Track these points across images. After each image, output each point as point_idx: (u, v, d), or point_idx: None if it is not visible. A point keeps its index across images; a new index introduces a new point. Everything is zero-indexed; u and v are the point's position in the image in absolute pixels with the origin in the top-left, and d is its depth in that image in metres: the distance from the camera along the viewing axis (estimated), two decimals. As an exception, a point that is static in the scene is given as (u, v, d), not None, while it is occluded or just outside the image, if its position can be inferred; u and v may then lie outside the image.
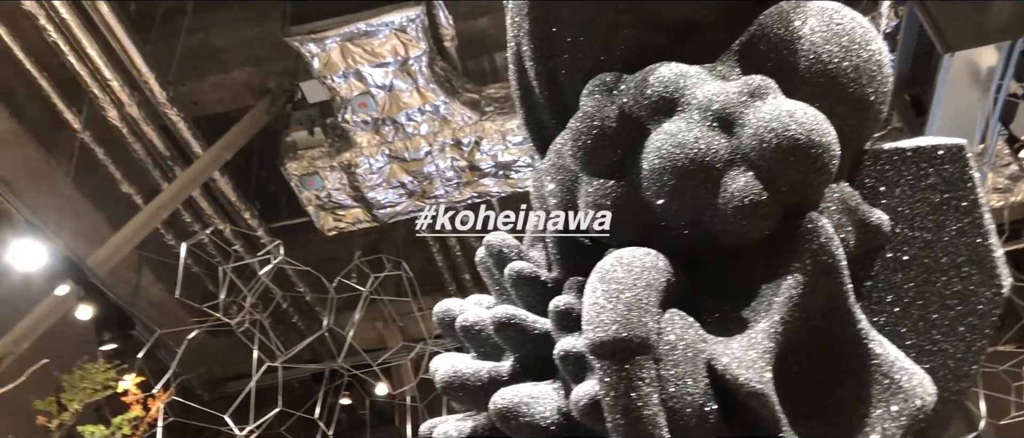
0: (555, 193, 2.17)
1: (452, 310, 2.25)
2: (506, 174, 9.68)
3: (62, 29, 8.47)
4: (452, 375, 2.03)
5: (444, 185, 9.82)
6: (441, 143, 9.32)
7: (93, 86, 9.08)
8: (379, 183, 9.73)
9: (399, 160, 9.51)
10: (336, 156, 9.42)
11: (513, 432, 1.88)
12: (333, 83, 8.60)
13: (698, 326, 1.81)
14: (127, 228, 9.17)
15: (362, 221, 10.30)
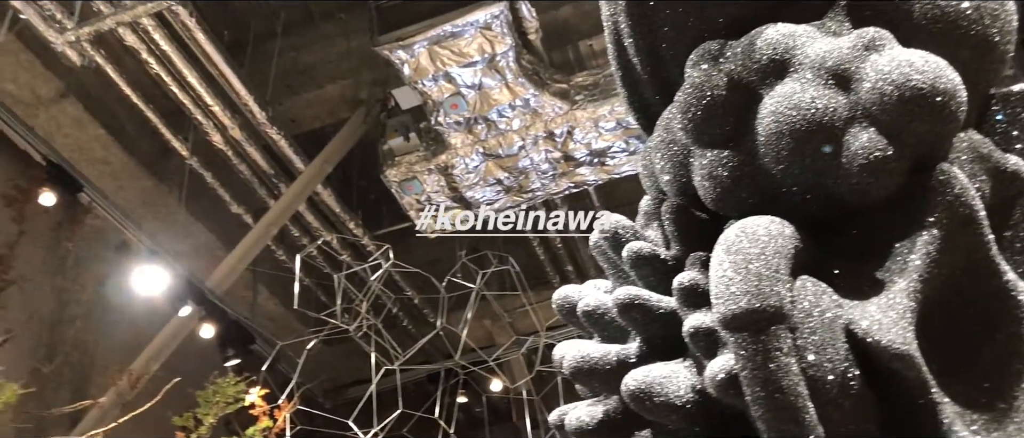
0: (666, 169, 2.13)
1: (572, 296, 2.24)
2: (601, 161, 9.62)
3: (163, 61, 8.82)
4: (580, 360, 2.02)
5: (540, 178, 9.83)
6: (534, 136, 9.33)
7: (196, 113, 9.43)
8: (476, 182, 9.80)
9: (494, 157, 9.56)
10: (432, 159, 9.54)
11: (648, 412, 1.85)
12: (424, 87, 8.71)
13: (832, 291, 1.75)
14: (240, 247, 9.50)
15: (463, 221, 10.40)
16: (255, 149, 10.14)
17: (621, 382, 1.92)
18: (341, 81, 11.09)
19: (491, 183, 9.88)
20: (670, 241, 2.13)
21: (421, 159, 9.62)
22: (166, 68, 8.93)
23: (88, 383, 9.17)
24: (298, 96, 11.19)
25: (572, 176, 9.81)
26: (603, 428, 2.04)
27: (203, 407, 5.62)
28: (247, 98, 9.46)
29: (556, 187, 9.94)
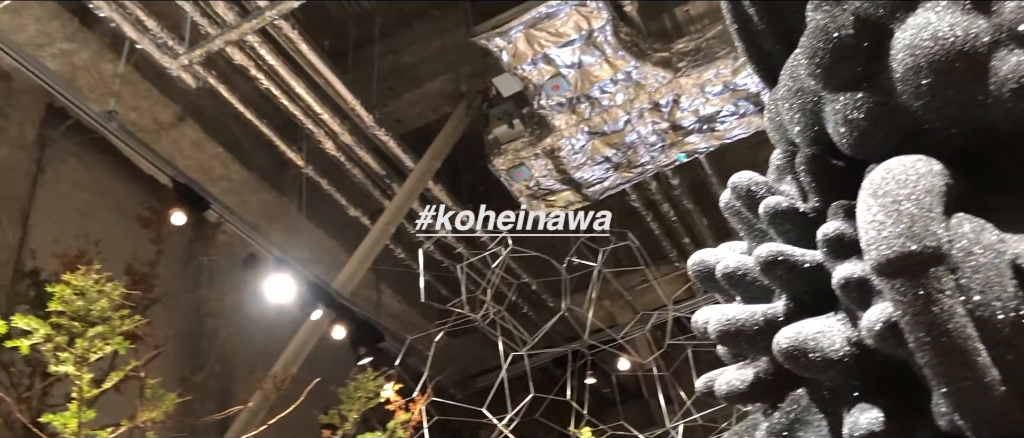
0: (796, 119, 2.05)
1: (708, 260, 2.19)
2: (711, 128, 9.42)
3: (272, 75, 9.11)
4: (726, 322, 1.96)
5: (648, 151, 9.70)
6: (639, 109, 9.21)
7: (307, 123, 9.71)
8: (584, 162, 9.76)
9: (600, 135, 9.49)
10: (538, 143, 9.54)
11: (803, 370, 1.79)
12: (524, 72, 8.71)
13: (991, 226, 1.64)
14: (361, 248, 9.74)
15: (573, 202, 10.37)
16: (366, 152, 10.37)
17: (770, 342, 1.86)
18: (441, 77, 11.23)
19: (599, 161, 9.82)
20: (807, 193, 2.05)
21: (527, 145, 9.63)
22: (275, 82, 9.22)
23: (231, 392, 9.61)
24: (401, 96, 11.39)
25: (681, 146, 9.64)
26: (755, 390, 1.99)
27: (346, 403, 5.79)
28: (354, 103, 9.68)
29: (666, 159, 9.79)
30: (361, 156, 10.39)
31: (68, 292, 4.01)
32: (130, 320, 4.22)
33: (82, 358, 4.02)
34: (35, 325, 3.99)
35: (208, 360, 9.13)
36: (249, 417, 7.55)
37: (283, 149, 10.16)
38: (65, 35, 8.72)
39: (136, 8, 8.16)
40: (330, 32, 10.94)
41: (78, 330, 4.01)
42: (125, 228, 7.85)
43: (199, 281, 10.34)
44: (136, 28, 8.24)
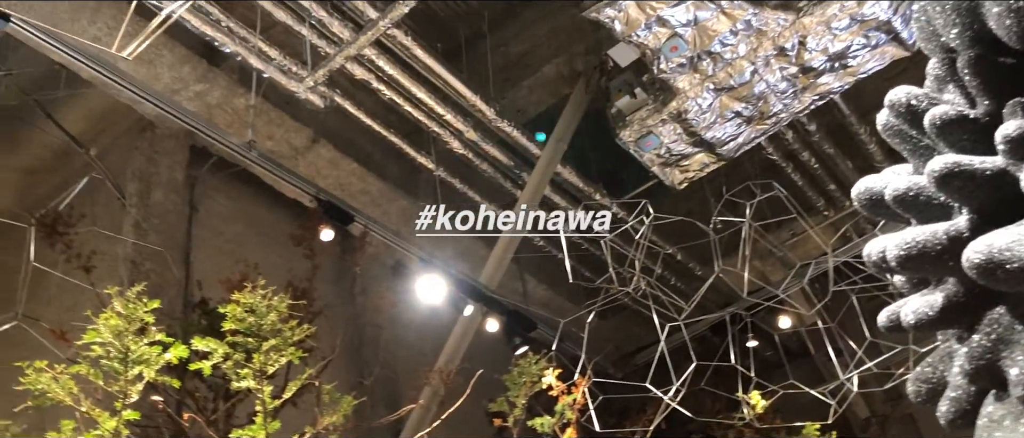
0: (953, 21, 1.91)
1: (874, 186, 2.06)
2: (843, 64, 8.97)
3: (392, 85, 9.31)
4: (906, 246, 1.84)
5: (780, 100, 9.34)
6: (764, 57, 8.87)
7: (432, 126, 9.88)
8: (713, 121, 9.50)
9: (726, 90, 9.21)
10: (663, 109, 9.35)
11: (1000, 284, 1.66)
12: (639, 39, 8.55)
13: None
14: (501, 241, 9.83)
15: (708, 164, 10.13)
16: (492, 146, 10.45)
17: (957, 261, 1.74)
18: (555, 60, 11.19)
19: (729, 118, 9.53)
20: (976, 97, 1.90)
21: (652, 112, 9.46)
22: (396, 91, 9.41)
23: (399, 393, 9.91)
24: (518, 86, 11.42)
25: (814, 88, 9.22)
26: (947, 314, 1.86)
27: (512, 390, 5.86)
28: (473, 100, 9.77)
29: (799, 105, 9.39)
30: (488, 151, 10.48)
31: (239, 310, 4.21)
32: (300, 330, 4.40)
33: (261, 372, 4.22)
34: (213, 346, 4.22)
35: (373, 365, 9.44)
36: (422, 414, 7.77)
37: (413, 155, 10.37)
38: (197, 77, 9.18)
39: (258, 40, 8.49)
40: (441, 34, 11.08)
41: (253, 345, 4.22)
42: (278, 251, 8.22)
43: (353, 292, 10.72)
44: (261, 59, 8.58)
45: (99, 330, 4.01)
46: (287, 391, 4.60)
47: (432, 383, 7.28)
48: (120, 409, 4.03)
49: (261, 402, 4.24)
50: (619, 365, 12.83)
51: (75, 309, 7.18)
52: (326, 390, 4.71)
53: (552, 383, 6.70)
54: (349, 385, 7.50)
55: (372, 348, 10.26)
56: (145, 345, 4.00)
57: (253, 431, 4.27)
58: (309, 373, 4.76)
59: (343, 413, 4.62)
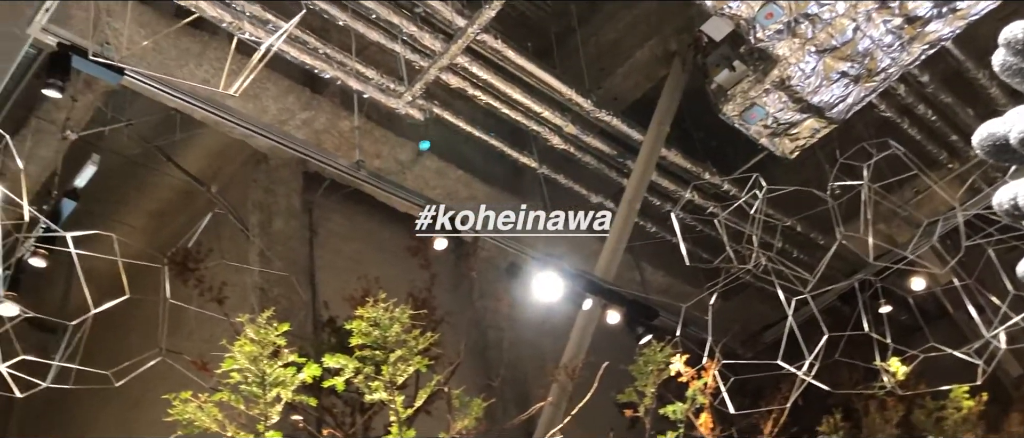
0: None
1: (997, 130, 1.93)
2: (951, 8, 8.52)
3: (487, 89, 9.38)
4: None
5: (887, 54, 8.94)
6: (865, 12, 8.50)
7: (532, 125, 9.90)
8: (819, 84, 9.17)
9: (829, 51, 8.87)
10: (765, 79, 9.08)
11: None
12: (731, 10, 8.32)
13: None
14: (613, 232, 9.74)
15: (819, 129, 9.78)
16: (593, 138, 10.40)
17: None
18: (647, 43, 11.05)
19: (835, 79, 9.18)
20: (1113, 14, 1.76)
21: (753, 83, 9.20)
22: (492, 95, 9.48)
23: (527, 393, 9.97)
24: (613, 74, 11.33)
25: (923, 38, 8.78)
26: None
27: (640, 380, 5.80)
28: (570, 93, 9.75)
29: (908, 57, 8.96)
30: (589, 143, 10.44)
31: (363, 325, 4.32)
32: (423, 339, 4.48)
33: (391, 382, 4.31)
34: (343, 361, 4.34)
35: (499, 367, 9.53)
36: (552, 411, 7.79)
37: (515, 156, 10.42)
38: (301, 105, 9.47)
39: (355, 63, 8.70)
40: (531, 34, 11.10)
41: (380, 358, 4.31)
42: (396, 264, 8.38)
43: (472, 297, 10.84)
44: (359, 80, 8.79)
45: (236, 357, 4.18)
46: (418, 399, 4.69)
47: (559, 380, 7.29)
48: (262, 431, 4.19)
49: (394, 412, 4.33)
50: (748, 345, 12.56)
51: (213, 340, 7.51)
52: (455, 395, 4.78)
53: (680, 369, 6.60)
54: (478, 388, 7.58)
55: (496, 350, 10.35)
56: (280, 367, 4.15)
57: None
58: (437, 380, 4.84)
59: (474, 416, 4.67)
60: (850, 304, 9.02)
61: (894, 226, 11.99)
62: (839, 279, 11.01)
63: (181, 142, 10.27)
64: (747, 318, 12.69)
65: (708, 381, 6.57)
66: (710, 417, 6.70)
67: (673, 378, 6.71)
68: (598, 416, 7.01)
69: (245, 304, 8.37)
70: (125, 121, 9.49)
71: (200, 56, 8.61)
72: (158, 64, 8.42)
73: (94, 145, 9.19)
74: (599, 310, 9.03)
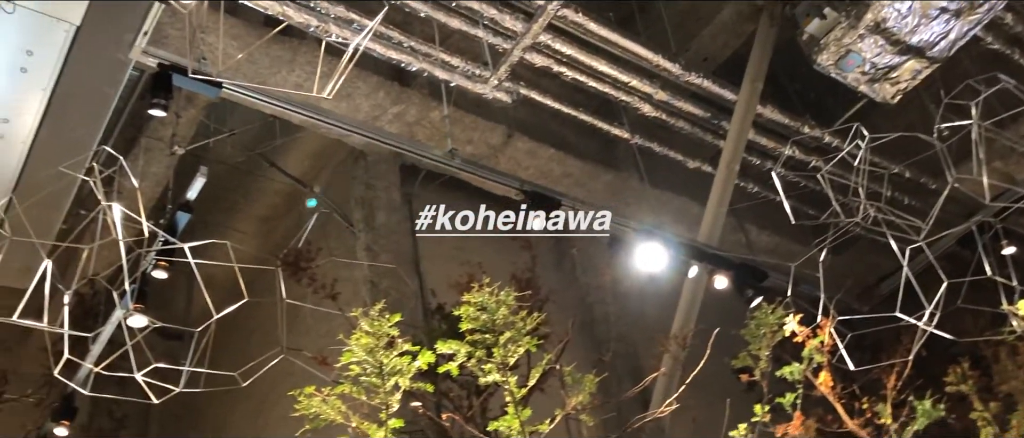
0: None
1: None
2: (1058, -74, 8.02)
3: (572, 65, 9.34)
4: None
5: (990, -18, 8.49)
6: (963, -59, 8.10)
7: (621, 95, 9.82)
8: (917, 23, 8.78)
9: (926, -13, 8.49)
10: (859, 23, 8.74)
11: None
12: (818, -43, 8.05)
13: None
14: (713, 196, 9.62)
15: (921, 70, 9.38)
16: (684, 102, 10.24)
17: None
18: (731, 1, 10.79)
19: (934, 16, 8.77)
20: None
21: (847, 29, 8.85)
22: (578, 69, 9.44)
23: (639, 365, 9.95)
24: (699, 36, 11.12)
25: (1028, -40, 8.31)
26: None
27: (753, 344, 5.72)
28: (657, 59, 9.61)
29: (1014, -18, 8.49)
30: (681, 107, 10.27)
31: (471, 310, 4.40)
32: (531, 319, 4.53)
33: (503, 364, 4.39)
34: (455, 347, 4.44)
35: (609, 341, 9.55)
36: (666, 381, 7.76)
37: (607, 129, 10.36)
38: (392, 100, 9.64)
39: (439, 53, 8.80)
40: (610, 3, 10.98)
41: (491, 341, 4.39)
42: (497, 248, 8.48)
43: (575, 274, 10.87)
44: (445, 70, 8.88)
45: (353, 350, 4.32)
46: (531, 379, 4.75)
47: (670, 349, 7.25)
48: (385, 420, 4.33)
49: (509, 392, 4.41)
50: (863, 298, 12.21)
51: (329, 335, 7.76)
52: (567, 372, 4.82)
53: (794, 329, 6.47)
54: (589, 364, 7.61)
55: (604, 325, 10.35)
56: (396, 357, 4.28)
57: (508, 421, 4.46)
58: (548, 358, 4.89)
59: (588, 391, 4.71)
60: (970, 248, 8.65)
61: (1011, 163, 11.42)
62: (955, 223, 10.55)
63: (282, 147, 10.61)
64: (860, 271, 12.32)
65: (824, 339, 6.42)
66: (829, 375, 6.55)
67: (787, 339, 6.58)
68: (713, 383, 6.95)
69: (357, 298, 8.62)
70: (227, 131, 9.87)
71: (291, 62, 8.85)
72: (253, 74, 8.71)
73: (201, 157, 9.58)
74: (706, 276, 8.92)
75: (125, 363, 4.83)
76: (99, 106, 7.45)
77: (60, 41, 6.81)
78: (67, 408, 8.83)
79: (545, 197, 8.35)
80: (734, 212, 11.07)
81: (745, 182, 11.27)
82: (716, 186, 9.75)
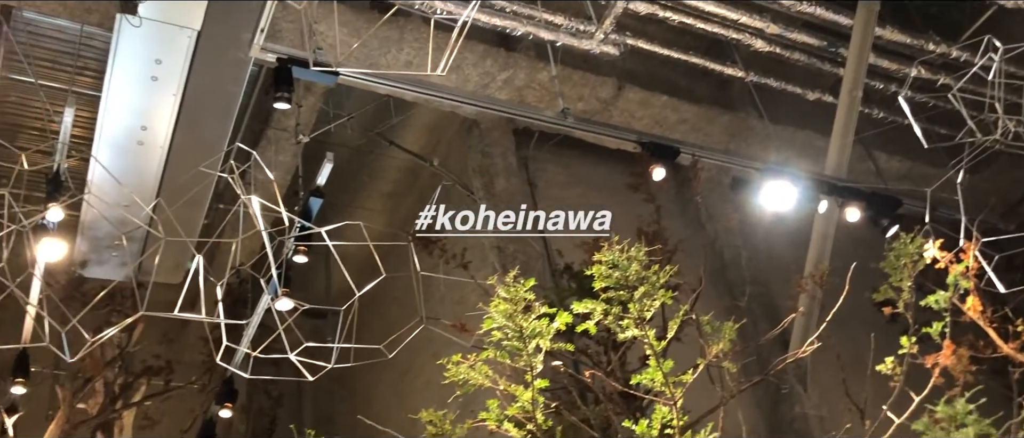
0: None
1: None
2: None
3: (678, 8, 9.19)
4: None
5: None
6: None
7: (730, 33, 9.60)
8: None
9: None
10: (980, -74, 8.23)
11: None
12: None
13: None
14: (837, 126, 9.34)
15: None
16: (798, 33, 9.91)
17: None
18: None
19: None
20: None
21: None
22: (684, 12, 9.27)
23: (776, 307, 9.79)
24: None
25: None
26: None
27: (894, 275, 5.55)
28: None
29: None
30: (795, 39, 9.95)
31: (603, 269, 4.46)
32: (663, 272, 4.55)
33: (640, 319, 4.44)
34: (591, 306, 4.51)
35: (742, 285, 9.42)
36: (805, 321, 7.64)
37: (719, 69, 10.15)
38: (499, 66, 9.71)
39: (542, 14, 8.80)
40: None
41: (625, 297, 4.44)
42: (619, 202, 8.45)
43: (700, 220, 10.74)
44: (550, 30, 8.89)
45: (493, 316, 4.46)
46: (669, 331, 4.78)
47: (807, 289, 7.11)
48: (531, 380, 4.46)
49: (649, 346, 4.45)
50: (1008, 217, 11.60)
51: (464, 302, 8.00)
52: (705, 321, 4.82)
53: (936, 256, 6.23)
54: (724, 310, 7.56)
55: (735, 269, 10.22)
56: (534, 320, 4.39)
57: (650, 374, 4.51)
58: (684, 309, 4.91)
59: (728, 338, 4.70)
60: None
61: None
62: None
63: (398, 124, 10.88)
64: (1003, 189, 11.69)
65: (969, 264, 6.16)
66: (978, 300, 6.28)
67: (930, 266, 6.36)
68: (854, 318, 6.79)
69: (487, 264, 8.81)
70: (346, 115, 10.19)
71: (399, 41, 9.04)
72: (364, 57, 8.95)
73: (323, 143, 9.93)
74: (837, 210, 8.66)
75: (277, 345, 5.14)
76: (226, 105, 7.82)
77: (184, 47, 7.17)
78: (229, 391, 9.40)
79: (662, 147, 8.27)
80: (861, 140, 10.67)
81: (870, 108, 10.83)
82: (839, 116, 9.43)
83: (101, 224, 8.65)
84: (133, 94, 7.50)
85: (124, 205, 7.41)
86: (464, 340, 5.72)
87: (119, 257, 9.11)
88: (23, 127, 8.95)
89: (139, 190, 7.85)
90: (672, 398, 4.54)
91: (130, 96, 7.52)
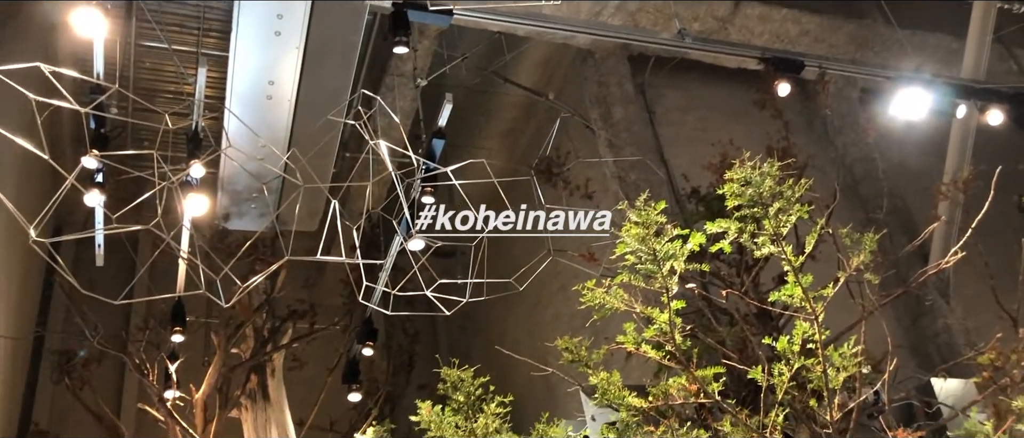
0: None
1: None
2: None
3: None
4: None
5: None
6: None
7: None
8: None
9: None
10: None
11: None
12: None
13: None
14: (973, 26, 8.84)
15: None
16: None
17: None
18: None
19: None
20: None
21: None
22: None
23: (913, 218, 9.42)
24: None
25: None
26: None
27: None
28: None
29: None
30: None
31: (736, 186, 4.40)
32: (798, 186, 4.46)
33: (776, 235, 4.37)
34: (725, 225, 4.47)
35: (878, 198, 9.10)
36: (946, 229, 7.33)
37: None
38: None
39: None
40: None
41: (760, 214, 4.37)
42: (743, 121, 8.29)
43: (830, 134, 10.39)
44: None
45: (626, 242, 4.48)
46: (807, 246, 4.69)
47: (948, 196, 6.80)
48: (667, 301, 4.47)
49: (786, 261, 4.39)
50: None
51: (589, 235, 8.03)
52: (844, 233, 4.70)
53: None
54: (859, 224, 7.35)
55: (870, 182, 9.86)
56: (667, 242, 4.38)
57: (789, 290, 4.45)
58: (820, 223, 4.79)
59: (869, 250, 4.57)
60: None
61: None
62: None
63: (512, 61, 10.88)
64: None
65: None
66: None
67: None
68: (1001, 226, 6.48)
69: (609, 193, 8.80)
70: (461, 56, 10.26)
71: (502, -26, 8.99)
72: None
73: (440, 85, 10.05)
74: (976, 114, 8.22)
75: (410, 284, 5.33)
76: (347, 54, 8.02)
77: (303, 0, 7.38)
78: (369, 330, 9.77)
79: (785, 61, 8.00)
80: (1000, 39, 10.02)
81: (1009, 3, 10.12)
82: (975, 14, 8.88)
83: (239, 177, 9.08)
84: (259, 50, 7.78)
85: (259, 158, 7.77)
86: (593, 269, 5.77)
87: (258, 208, 9.55)
88: (158, 91, 9.41)
89: (271, 143, 8.17)
90: (813, 313, 4.46)
91: (256, 53, 7.80)
